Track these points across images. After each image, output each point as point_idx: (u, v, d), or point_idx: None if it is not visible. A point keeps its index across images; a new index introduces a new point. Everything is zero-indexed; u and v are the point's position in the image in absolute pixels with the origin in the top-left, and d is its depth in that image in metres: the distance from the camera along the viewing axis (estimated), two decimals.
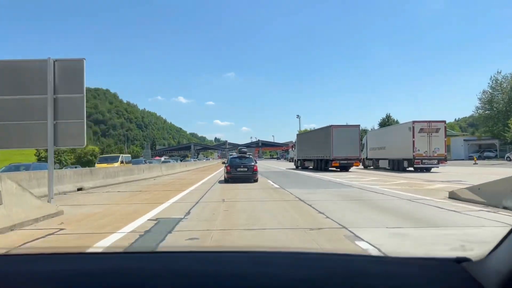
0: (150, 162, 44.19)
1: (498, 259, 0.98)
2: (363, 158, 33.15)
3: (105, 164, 27.83)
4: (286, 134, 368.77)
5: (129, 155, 47.88)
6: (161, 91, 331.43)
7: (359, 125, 30.09)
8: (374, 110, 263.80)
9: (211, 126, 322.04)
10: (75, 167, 34.54)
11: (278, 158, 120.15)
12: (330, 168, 28.41)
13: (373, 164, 32.81)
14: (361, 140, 31.42)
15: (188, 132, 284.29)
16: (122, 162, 30.22)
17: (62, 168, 38.69)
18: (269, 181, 19.24)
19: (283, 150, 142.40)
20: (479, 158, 50.86)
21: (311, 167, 34.05)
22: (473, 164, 38.15)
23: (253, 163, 19.00)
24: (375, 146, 32.62)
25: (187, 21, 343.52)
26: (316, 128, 50.92)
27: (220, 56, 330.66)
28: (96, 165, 28.71)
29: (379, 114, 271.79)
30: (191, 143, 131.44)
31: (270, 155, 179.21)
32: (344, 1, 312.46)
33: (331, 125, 28.89)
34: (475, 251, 1.08)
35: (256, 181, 18.21)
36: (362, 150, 30.62)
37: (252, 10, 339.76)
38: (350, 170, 28.27)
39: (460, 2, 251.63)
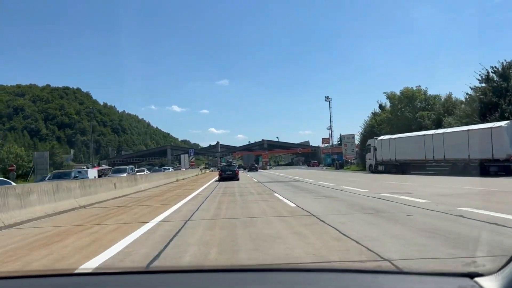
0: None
1: (509, 274, 1.03)
2: None
3: None
4: (289, 139, 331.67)
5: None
6: (155, 100, 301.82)
7: None
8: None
9: (206, 134, 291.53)
10: None
11: (309, 164, 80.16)
12: None
13: None
14: None
15: (179, 139, 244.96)
16: None
17: None
18: None
19: (296, 153, 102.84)
20: None
21: None
22: None
23: (235, 169, 27.79)
24: None
25: (178, 28, 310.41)
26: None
27: (213, 63, 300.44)
28: None
29: None
30: (167, 146, 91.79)
31: (275, 161, 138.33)
32: (337, 4, 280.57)
33: None
34: (487, 266, 1.14)
35: (238, 179, 25.51)
36: None
37: (243, 16, 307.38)
38: None
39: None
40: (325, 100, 70.96)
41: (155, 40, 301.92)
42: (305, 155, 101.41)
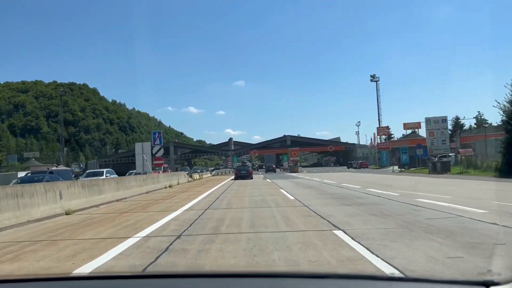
0: None
1: None
2: None
3: None
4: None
5: None
6: (171, 102, 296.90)
7: None
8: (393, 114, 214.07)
9: (222, 136, 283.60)
10: None
11: (351, 165, 61.46)
12: None
13: None
14: None
15: (194, 140, 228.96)
16: None
17: None
18: None
19: (326, 151, 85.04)
20: None
21: None
22: None
23: (249, 169, 31.91)
24: None
25: (193, 30, 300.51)
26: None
27: (229, 64, 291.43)
28: None
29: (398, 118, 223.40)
30: (169, 143, 75.80)
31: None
32: (352, 4, 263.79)
33: None
34: (503, 276, 1.10)
35: (251, 178, 29.13)
36: None
37: (258, 16, 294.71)
38: None
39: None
40: (371, 81, 53.87)
41: (171, 43, 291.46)
42: (335, 154, 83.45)
